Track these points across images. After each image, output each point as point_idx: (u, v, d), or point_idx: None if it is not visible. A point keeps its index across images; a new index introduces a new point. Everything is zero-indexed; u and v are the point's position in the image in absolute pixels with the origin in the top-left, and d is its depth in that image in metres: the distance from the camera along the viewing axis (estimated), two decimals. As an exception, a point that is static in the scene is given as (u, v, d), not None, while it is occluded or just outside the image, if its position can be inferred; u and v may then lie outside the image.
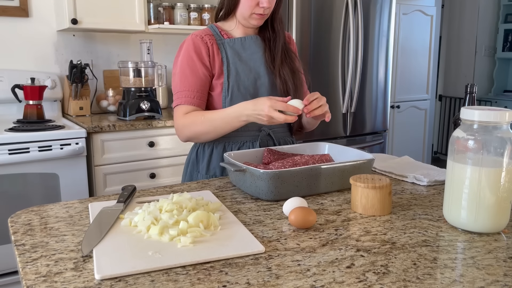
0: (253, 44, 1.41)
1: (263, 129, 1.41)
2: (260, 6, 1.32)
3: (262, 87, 1.40)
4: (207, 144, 1.42)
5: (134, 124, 2.40)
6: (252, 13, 1.34)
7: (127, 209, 0.99)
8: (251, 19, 1.35)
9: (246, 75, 1.38)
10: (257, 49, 1.41)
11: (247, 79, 1.38)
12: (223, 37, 1.41)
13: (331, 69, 2.93)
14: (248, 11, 1.34)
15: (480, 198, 0.85)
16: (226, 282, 0.68)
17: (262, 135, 1.40)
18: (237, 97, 1.36)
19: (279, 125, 1.45)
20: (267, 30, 1.44)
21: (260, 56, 1.41)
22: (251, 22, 1.37)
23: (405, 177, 1.25)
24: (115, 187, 2.38)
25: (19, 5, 2.60)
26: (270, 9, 1.36)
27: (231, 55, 1.38)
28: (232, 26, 1.42)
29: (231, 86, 1.36)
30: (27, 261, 0.75)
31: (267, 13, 1.36)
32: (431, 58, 4.09)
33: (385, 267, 0.73)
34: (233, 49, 1.39)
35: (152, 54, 2.81)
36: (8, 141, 2.07)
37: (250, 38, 1.41)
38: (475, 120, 0.85)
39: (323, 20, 2.84)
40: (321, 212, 0.99)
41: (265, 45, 1.43)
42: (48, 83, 2.60)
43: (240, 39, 1.41)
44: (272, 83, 1.41)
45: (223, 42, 1.39)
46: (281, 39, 1.43)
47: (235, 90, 1.37)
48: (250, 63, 1.40)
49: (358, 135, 3.17)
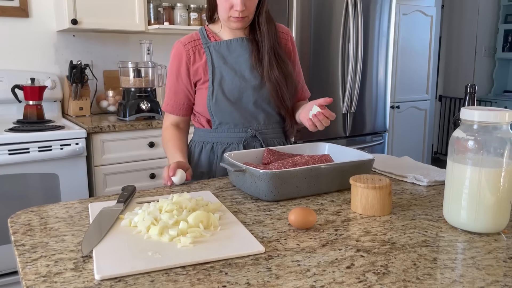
0: (238, 46, 1.40)
1: (248, 131, 1.41)
2: (234, 10, 1.29)
3: (247, 90, 1.38)
4: (197, 144, 1.46)
5: (134, 125, 2.40)
6: (229, 16, 1.32)
7: (127, 210, 0.99)
8: (229, 22, 1.34)
9: (230, 78, 1.37)
10: (242, 52, 1.39)
11: (231, 83, 1.37)
12: (210, 40, 1.40)
13: (331, 69, 2.93)
14: (225, 14, 1.32)
15: (480, 198, 0.85)
16: (226, 282, 0.68)
17: (247, 137, 1.41)
18: (221, 101, 1.37)
19: (267, 127, 1.44)
20: (255, 31, 1.40)
21: (246, 59, 1.39)
22: (230, 25, 1.35)
23: (405, 177, 1.25)
24: (115, 188, 2.38)
25: (19, 5, 2.60)
26: (249, 12, 1.32)
27: (216, 59, 1.38)
28: (219, 29, 1.42)
29: (215, 90, 1.37)
30: (27, 261, 0.75)
31: (246, 15, 1.32)
32: (431, 58, 4.09)
33: (385, 267, 0.73)
34: (219, 53, 1.39)
35: (152, 54, 2.81)
36: (8, 141, 2.07)
37: (235, 41, 1.40)
38: (475, 120, 0.85)
39: (323, 20, 2.84)
40: (321, 212, 0.99)
41: (252, 47, 1.39)
42: (48, 83, 2.60)
43: (226, 42, 1.40)
44: (258, 86, 1.39)
45: (209, 45, 1.39)
46: (270, 41, 1.38)
47: (220, 94, 1.37)
48: (235, 66, 1.38)
49: (358, 135, 3.17)
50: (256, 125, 1.42)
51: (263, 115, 1.42)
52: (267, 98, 1.40)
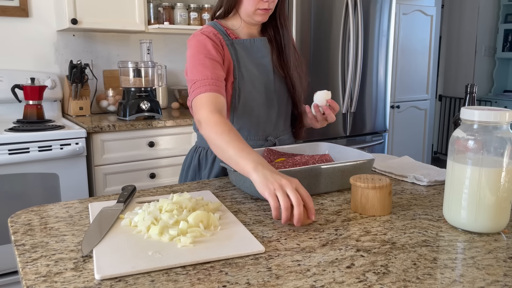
0: (262, 47, 1.35)
1: (269, 138, 1.37)
2: (264, 1, 1.26)
3: (271, 93, 1.35)
4: (210, 151, 1.37)
5: (134, 124, 2.40)
6: (257, 9, 1.28)
7: (127, 209, 0.98)
8: (255, 15, 1.29)
9: (256, 80, 1.32)
10: (266, 53, 1.35)
11: (258, 86, 1.32)
12: (230, 36, 1.33)
13: (331, 69, 2.93)
14: (252, 7, 1.27)
15: (480, 198, 0.85)
16: (226, 282, 0.68)
17: (267, 145, 1.36)
18: (247, 104, 1.32)
19: (285, 133, 1.43)
20: (270, 29, 1.38)
21: (269, 61, 1.35)
22: (255, 18, 1.30)
23: (405, 177, 1.25)
24: (115, 187, 2.38)
25: (19, 5, 2.60)
26: (274, 3, 1.30)
27: (241, 58, 1.31)
28: (237, 25, 1.35)
29: (241, 92, 1.31)
30: (27, 261, 0.75)
31: (272, 7, 1.30)
32: (431, 58, 4.09)
33: (385, 267, 0.73)
34: (243, 52, 1.32)
35: (152, 54, 2.81)
36: (8, 141, 2.07)
37: (259, 41, 1.35)
38: (475, 120, 0.85)
39: (323, 20, 2.84)
40: (321, 212, 0.99)
41: (272, 47, 1.37)
42: (48, 83, 2.60)
43: (249, 41, 1.34)
44: (278, 88, 1.37)
45: (231, 42, 1.32)
46: (290, 37, 1.38)
47: (245, 97, 1.32)
48: (259, 67, 1.34)
49: (358, 135, 3.17)
50: (275, 132, 1.39)
51: (282, 120, 1.41)
52: (287, 100, 1.40)
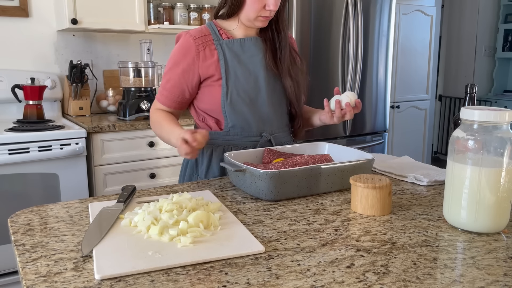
0: (252, 46, 1.37)
1: (264, 135, 1.38)
2: (266, 9, 1.29)
3: (262, 91, 1.36)
4: (206, 148, 1.38)
5: (134, 124, 2.40)
6: (258, 16, 1.31)
7: (127, 209, 0.99)
8: (256, 21, 1.32)
9: (245, 78, 1.34)
10: (257, 51, 1.37)
11: (246, 83, 1.34)
12: (221, 37, 1.36)
13: (331, 69, 2.93)
14: (254, 14, 1.30)
15: (480, 198, 0.85)
16: (226, 282, 0.68)
17: (262, 141, 1.37)
18: (236, 101, 1.34)
19: (281, 130, 1.43)
20: (268, 30, 1.40)
21: (260, 59, 1.37)
22: (255, 24, 1.34)
23: (405, 177, 1.25)
24: (115, 187, 2.38)
25: (19, 5, 2.60)
26: (276, 11, 1.33)
27: (230, 57, 1.34)
28: (233, 26, 1.37)
29: (230, 90, 1.33)
30: (27, 261, 0.75)
31: (273, 15, 1.33)
32: (431, 58, 4.09)
33: (385, 267, 0.73)
34: (232, 51, 1.35)
35: (152, 54, 2.81)
36: (8, 141, 2.07)
37: (249, 40, 1.37)
38: (475, 120, 0.85)
39: (323, 20, 2.84)
40: (321, 212, 0.99)
41: (266, 47, 1.39)
42: (48, 83, 2.60)
43: (239, 40, 1.36)
44: (272, 87, 1.38)
45: (221, 42, 1.35)
46: (287, 40, 1.40)
47: (234, 95, 1.33)
48: (249, 66, 1.36)
49: (358, 135, 3.17)
50: (270, 129, 1.39)
51: (276, 117, 1.41)
52: (282, 99, 1.40)
